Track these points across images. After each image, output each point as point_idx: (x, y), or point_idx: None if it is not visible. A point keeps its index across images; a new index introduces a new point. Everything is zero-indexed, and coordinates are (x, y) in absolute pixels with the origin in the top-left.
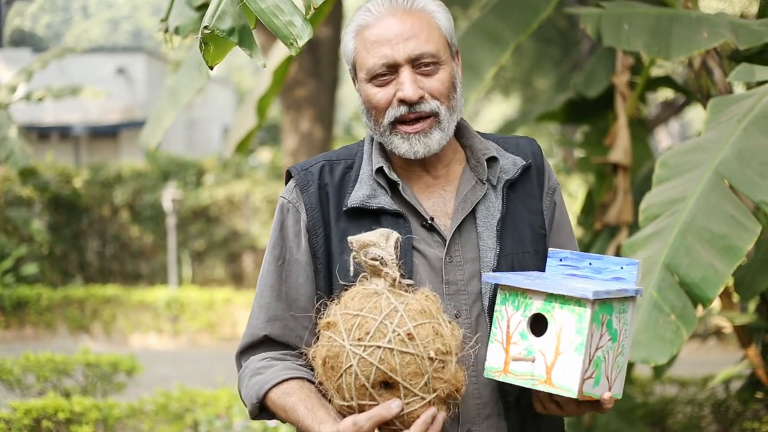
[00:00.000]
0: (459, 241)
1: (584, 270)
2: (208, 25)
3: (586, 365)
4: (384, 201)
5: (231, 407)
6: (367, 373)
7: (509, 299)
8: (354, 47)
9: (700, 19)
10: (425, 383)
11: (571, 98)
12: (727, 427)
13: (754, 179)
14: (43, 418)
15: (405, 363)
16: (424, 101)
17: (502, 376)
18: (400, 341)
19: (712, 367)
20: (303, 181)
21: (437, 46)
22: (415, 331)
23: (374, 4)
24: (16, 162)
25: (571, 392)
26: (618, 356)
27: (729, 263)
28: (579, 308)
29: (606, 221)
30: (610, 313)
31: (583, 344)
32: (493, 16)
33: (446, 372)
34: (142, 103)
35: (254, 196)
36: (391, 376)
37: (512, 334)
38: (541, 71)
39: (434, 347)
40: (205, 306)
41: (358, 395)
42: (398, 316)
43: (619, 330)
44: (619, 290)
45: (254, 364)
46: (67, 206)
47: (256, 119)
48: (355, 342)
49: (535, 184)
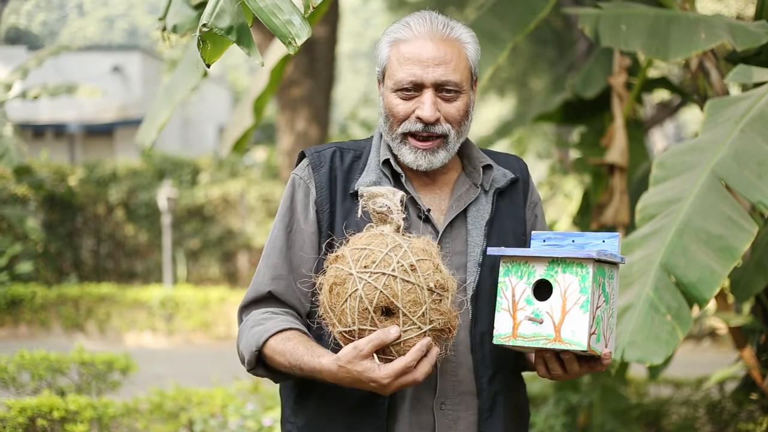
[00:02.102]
0: (450, 235)
1: (568, 247)
2: (207, 23)
3: (591, 321)
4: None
5: (226, 406)
6: (371, 297)
7: (512, 270)
8: (388, 56)
9: (698, 21)
10: (423, 313)
11: (567, 99)
12: (722, 428)
13: (751, 180)
14: (38, 417)
15: (406, 291)
16: (438, 124)
17: (512, 340)
18: (403, 271)
19: (707, 368)
20: (316, 162)
21: (462, 77)
22: (417, 264)
23: (415, 22)
24: (11, 160)
25: (580, 345)
26: (610, 318)
27: (725, 264)
28: (581, 269)
29: (602, 222)
30: (604, 276)
31: (588, 301)
32: (490, 16)
33: (443, 305)
34: (137, 101)
35: (249, 195)
36: (392, 302)
37: (518, 300)
38: (537, 72)
39: (434, 279)
40: (200, 305)
41: (360, 319)
42: (402, 251)
43: (610, 293)
44: (613, 254)
45: (256, 316)
46: (62, 204)
47: (253, 119)
48: (361, 269)
49: (521, 196)
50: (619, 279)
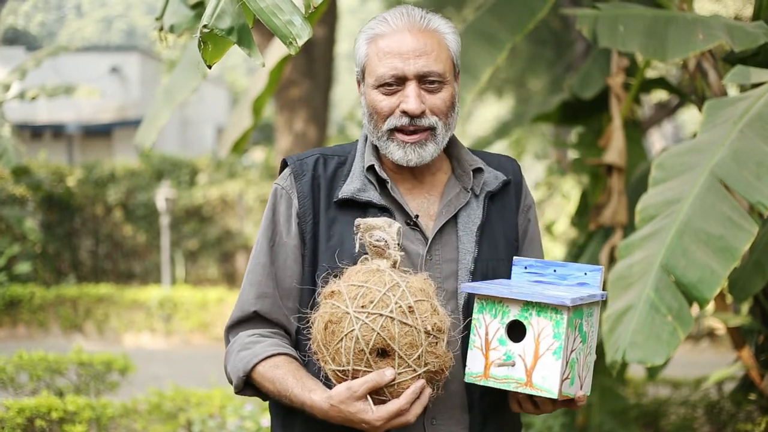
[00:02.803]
0: (440, 242)
1: (549, 276)
2: (207, 24)
3: (564, 367)
4: (373, 196)
5: (224, 407)
6: (367, 338)
7: (486, 308)
8: (366, 53)
9: (696, 21)
10: (419, 356)
11: (565, 99)
12: (721, 428)
13: (750, 180)
14: (37, 417)
15: (403, 333)
16: (424, 116)
17: (483, 380)
18: (401, 312)
19: (706, 369)
20: (298, 170)
21: (444, 67)
22: (416, 306)
23: (392, 16)
24: (9, 160)
25: (551, 393)
26: (587, 356)
27: (725, 264)
28: (556, 315)
29: (600, 222)
30: (581, 317)
31: (561, 347)
32: (489, 16)
33: (439, 348)
34: (135, 102)
35: (248, 195)
36: (389, 344)
37: (491, 340)
38: (535, 72)
39: (431, 322)
40: (198, 305)
41: (355, 360)
42: (401, 291)
43: (588, 332)
44: (590, 296)
45: (243, 339)
46: (61, 205)
47: (252, 120)
48: (358, 309)
49: (513, 199)
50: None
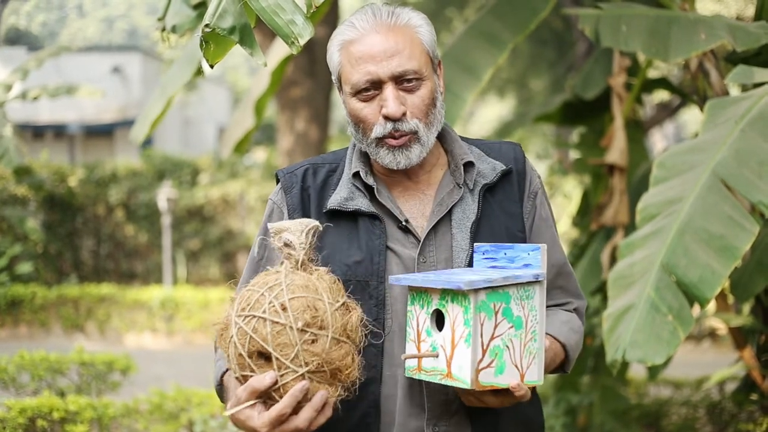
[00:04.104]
0: (434, 243)
1: (501, 260)
2: (209, 24)
3: (478, 355)
4: (361, 203)
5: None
6: (243, 341)
7: (416, 298)
8: (339, 61)
9: (698, 21)
10: (296, 355)
11: (567, 100)
12: (722, 428)
13: (751, 180)
14: (38, 417)
15: (275, 333)
16: (404, 120)
17: (417, 374)
18: (274, 311)
19: (707, 369)
20: (287, 183)
21: (420, 63)
22: (289, 303)
23: (358, 19)
24: (11, 160)
25: (465, 383)
26: (529, 342)
27: (726, 263)
28: (464, 300)
29: (602, 222)
30: (506, 300)
31: (470, 334)
32: (490, 16)
33: (317, 346)
34: (137, 102)
35: (249, 195)
36: (263, 346)
37: (421, 331)
38: (537, 72)
39: (303, 318)
40: (200, 305)
41: (239, 366)
42: (278, 290)
43: (524, 316)
44: (504, 278)
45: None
46: (62, 205)
47: (254, 120)
48: (239, 312)
49: (516, 188)
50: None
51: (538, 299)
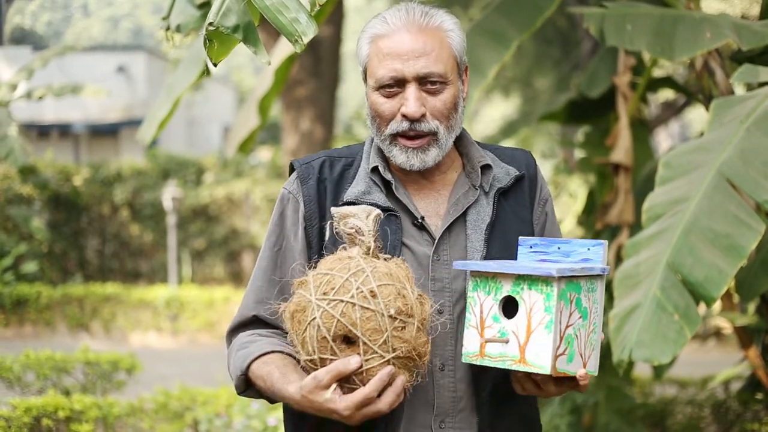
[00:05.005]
0: (448, 242)
1: (554, 254)
2: (213, 22)
3: (557, 342)
4: (378, 198)
5: (231, 406)
6: (328, 325)
7: (480, 285)
8: (367, 54)
9: (703, 20)
10: (384, 341)
11: (572, 98)
12: (727, 427)
13: (757, 179)
14: (43, 416)
15: (365, 318)
16: (424, 120)
17: (479, 359)
18: (363, 297)
19: (712, 368)
20: (304, 174)
21: (446, 67)
22: (378, 290)
23: (391, 16)
24: (16, 160)
25: (544, 369)
26: (591, 334)
27: (733, 262)
28: (546, 287)
29: (607, 221)
30: (578, 291)
31: (552, 321)
32: (496, 14)
33: (406, 333)
34: (142, 101)
35: (254, 194)
36: (351, 330)
37: (485, 318)
38: (542, 71)
39: (395, 306)
40: (205, 305)
41: (320, 348)
42: (364, 276)
43: (590, 308)
44: (583, 268)
45: (242, 339)
46: (67, 204)
47: (258, 119)
48: (320, 296)
49: (527, 194)
50: (604, 288)
51: (599, 292)
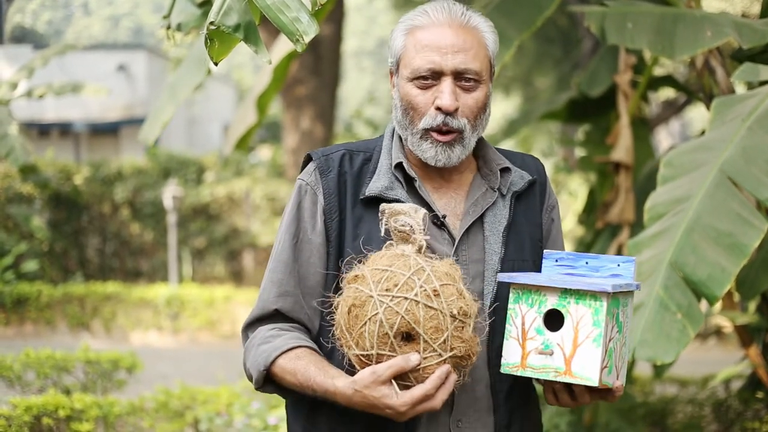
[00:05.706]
0: (466, 242)
1: (581, 269)
2: (214, 21)
3: (603, 355)
4: (400, 194)
5: (231, 404)
6: (392, 321)
7: (522, 297)
8: (403, 44)
9: (704, 18)
10: (444, 340)
11: (573, 97)
12: (728, 426)
13: (759, 177)
14: (44, 415)
15: (429, 317)
16: (456, 116)
17: (520, 370)
18: (426, 296)
19: (713, 367)
20: (323, 166)
21: (482, 66)
22: (441, 290)
23: (433, 9)
24: (17, 159)
25: (591, 381)
26: (623, 347)
27: (735, 261)
28: (595, 302)
29: (608, 220)
30: (617, 306)
31: (601, 335)
32: (496, 13)
33: (465, 333)
34: (142, 100)
35: (255, 193)
36: (413, 328)
37: (528, 330)
38: (542, 70)
39: (457, 306)
40: (206, 303)
41: (379, 344)
42: (426, 275)
43: (624, 323)
44: (627, 284)
45: (263, 333)
46: (68, 203)
47: (256, 116)
48: (383, 292)
49: (537, 199)
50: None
51: (630, 307)
